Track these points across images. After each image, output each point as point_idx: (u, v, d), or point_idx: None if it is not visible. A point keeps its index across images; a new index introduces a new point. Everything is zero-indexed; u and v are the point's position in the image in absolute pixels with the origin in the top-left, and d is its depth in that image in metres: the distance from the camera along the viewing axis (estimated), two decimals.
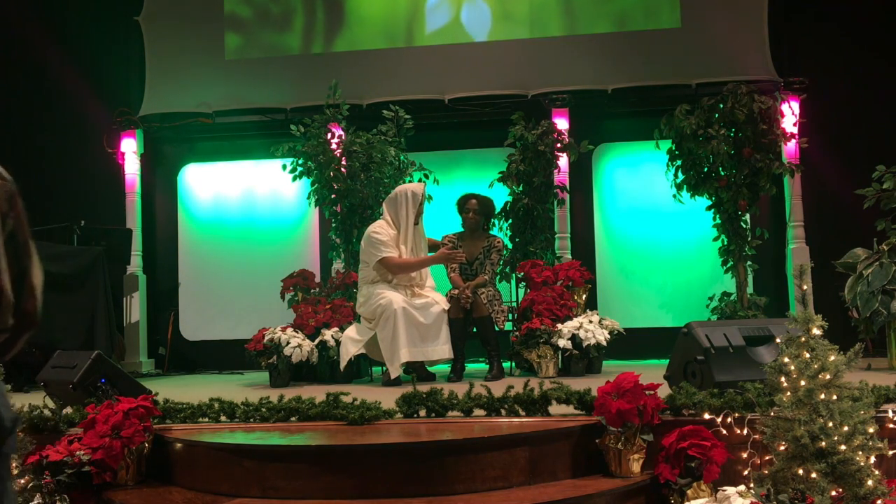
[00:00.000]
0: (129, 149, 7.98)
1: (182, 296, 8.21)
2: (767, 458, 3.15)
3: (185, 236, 8.28)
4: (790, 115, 6.87)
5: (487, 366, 5.65)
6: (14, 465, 3.36)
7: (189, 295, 8.21)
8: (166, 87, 8.05)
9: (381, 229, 5.57)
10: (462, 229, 5.96)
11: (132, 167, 7.99)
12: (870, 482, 2.83)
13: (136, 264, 7.87)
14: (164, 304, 8.15)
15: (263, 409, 3.93)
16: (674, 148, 6.53)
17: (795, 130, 6.82)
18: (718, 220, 6.55)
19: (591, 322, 5.68)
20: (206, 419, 3.96)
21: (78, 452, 3.47)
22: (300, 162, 6.67)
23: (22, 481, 3.36)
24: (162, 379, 7.00)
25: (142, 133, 8.06)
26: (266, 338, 5.75)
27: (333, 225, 6.83)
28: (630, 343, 6.11)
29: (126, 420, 3.55)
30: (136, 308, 7.82)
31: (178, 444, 3.62)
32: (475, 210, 5.85)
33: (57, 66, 8.17)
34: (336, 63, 7.77)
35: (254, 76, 7.96)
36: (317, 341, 5.74)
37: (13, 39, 8.24)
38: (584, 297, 6.27)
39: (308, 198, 6.84)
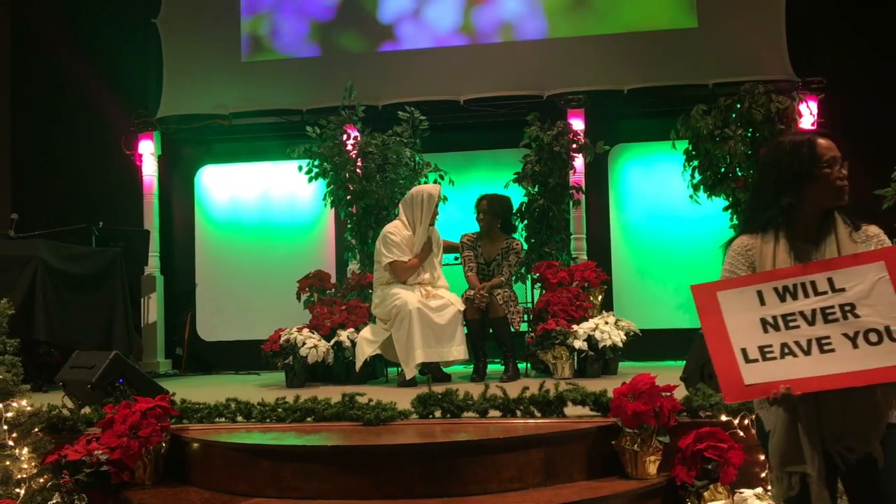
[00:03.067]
0: (147, 150, 8.04)
1: (199, 296, 8.25)
2: None
3: (202, 237, 8.33)
4: (808, 115, 6.81)
5: (503, 367, 5.65)
6: (33, 464, 3.39)
7: (206, 295, 8.25)
8: (183, 90, 8.10)
9: (395, 230, 5.58)
10: (479, 228, 5.97)
11: (150, 169, 8.05)
12: None
13: (153, 265, 7.93)
14: (182, 304, 8.20)
15: (280, 410, 3.95)
16: (690, 148, 6.49)
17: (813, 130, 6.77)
18: (735, 221, 6.50)
19: (606, 323, 5.66)
20: (223, 419, 3.98)
21: (96, 452, 3.49)
22: (316, 163, 6.69)
23: (41, 480, 3.39)
24: (179, 379, 7.04)
25: (159, 135, 8.12)
26: (282, 338, 5.77)
27: (349, 226, 6.84)
28: (646, 344, 6.08)
29: (143, 420, 3.57)
30: (153, 309, 7.87)
31: (195, 444, 3.64)
32: (484, 210, 5.85)
33: (75, 68, 8.25)
34: (351, 64, 7.79)
35: (270, 78, 8.00)
36: (332, 342, 5.75)
37: (33, 43, 8.33)
38: (599, 298, 6.25)
39: (324, 199, 6.85)
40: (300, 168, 6.76)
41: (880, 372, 1.89)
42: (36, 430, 3.53)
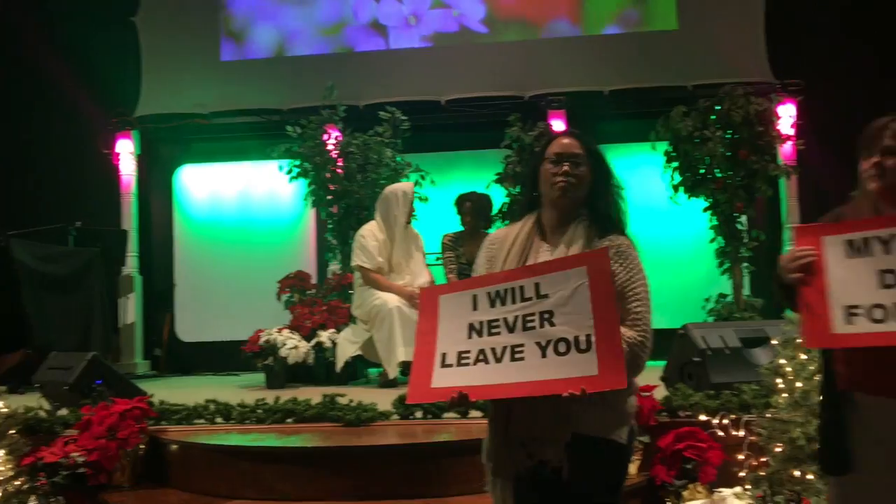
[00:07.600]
0: (125, 150, 7.97)
1: (178, 297, 8.19)
2: (764, 459, 3.15)
3: (181, 237, 8.27)
4: (786, 116, 6.87)
5: None
6: (9, 466, 3.35)
7: (185, 296, 8.20)
8: (162, 88, 8.03)
9: (368, 234, 5.51)
10: (461, 228, 5.96)
11: (128, 168, 7.98)
12: None
13: (131, 265, 7.86)
14: (160, 305, 8.13)
15: (260, 411, 3.93)
16: (670, 150, 6.53)
17: (792, 132, 6.83)
18: (715, 222, 6.55)
19: None
20: (202, 421, 3.95)
21: (73, 454, 3.46)
22: (297, 163, 6.66)
23: (17, 483, 3.35)
24: (157, 380, 6.98)
25: (138, 134, 8.05)
26: (262, 339, 5.73)
27: (330, 226, 6.82)
28: None
29: (122, 422, 3.54)
30: (131, 309, 7.80)
31: (174, 446, 3.61)
32: (469, 212, 5.85)
33: (51, 66, 8.14)
34: (332, 64, 7.77)
35: (250, 77, 7.95)
36: (313, 343, 5.73)
37: (8, 40, 8.22)
38: None
39: (304, 199, 6.83)
40: (280, 168, 6.73)
41: (557, 383, 1.80)
42: (12, 431, 3.49)
